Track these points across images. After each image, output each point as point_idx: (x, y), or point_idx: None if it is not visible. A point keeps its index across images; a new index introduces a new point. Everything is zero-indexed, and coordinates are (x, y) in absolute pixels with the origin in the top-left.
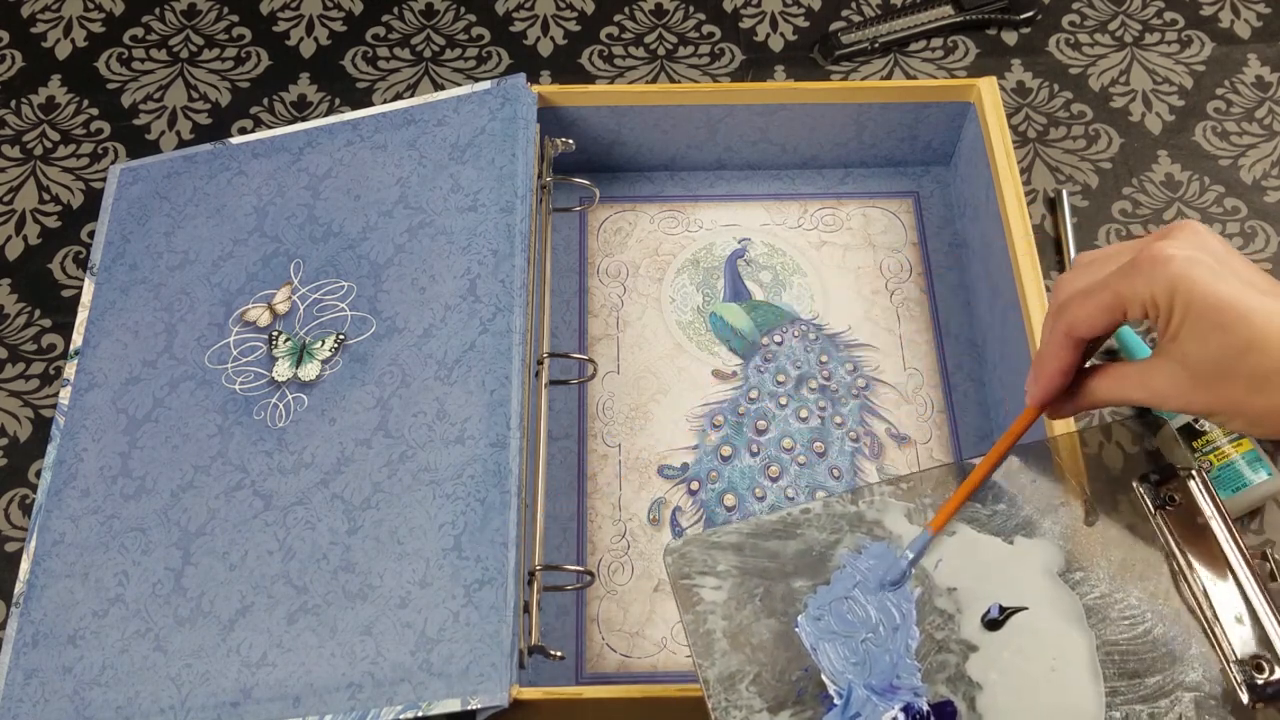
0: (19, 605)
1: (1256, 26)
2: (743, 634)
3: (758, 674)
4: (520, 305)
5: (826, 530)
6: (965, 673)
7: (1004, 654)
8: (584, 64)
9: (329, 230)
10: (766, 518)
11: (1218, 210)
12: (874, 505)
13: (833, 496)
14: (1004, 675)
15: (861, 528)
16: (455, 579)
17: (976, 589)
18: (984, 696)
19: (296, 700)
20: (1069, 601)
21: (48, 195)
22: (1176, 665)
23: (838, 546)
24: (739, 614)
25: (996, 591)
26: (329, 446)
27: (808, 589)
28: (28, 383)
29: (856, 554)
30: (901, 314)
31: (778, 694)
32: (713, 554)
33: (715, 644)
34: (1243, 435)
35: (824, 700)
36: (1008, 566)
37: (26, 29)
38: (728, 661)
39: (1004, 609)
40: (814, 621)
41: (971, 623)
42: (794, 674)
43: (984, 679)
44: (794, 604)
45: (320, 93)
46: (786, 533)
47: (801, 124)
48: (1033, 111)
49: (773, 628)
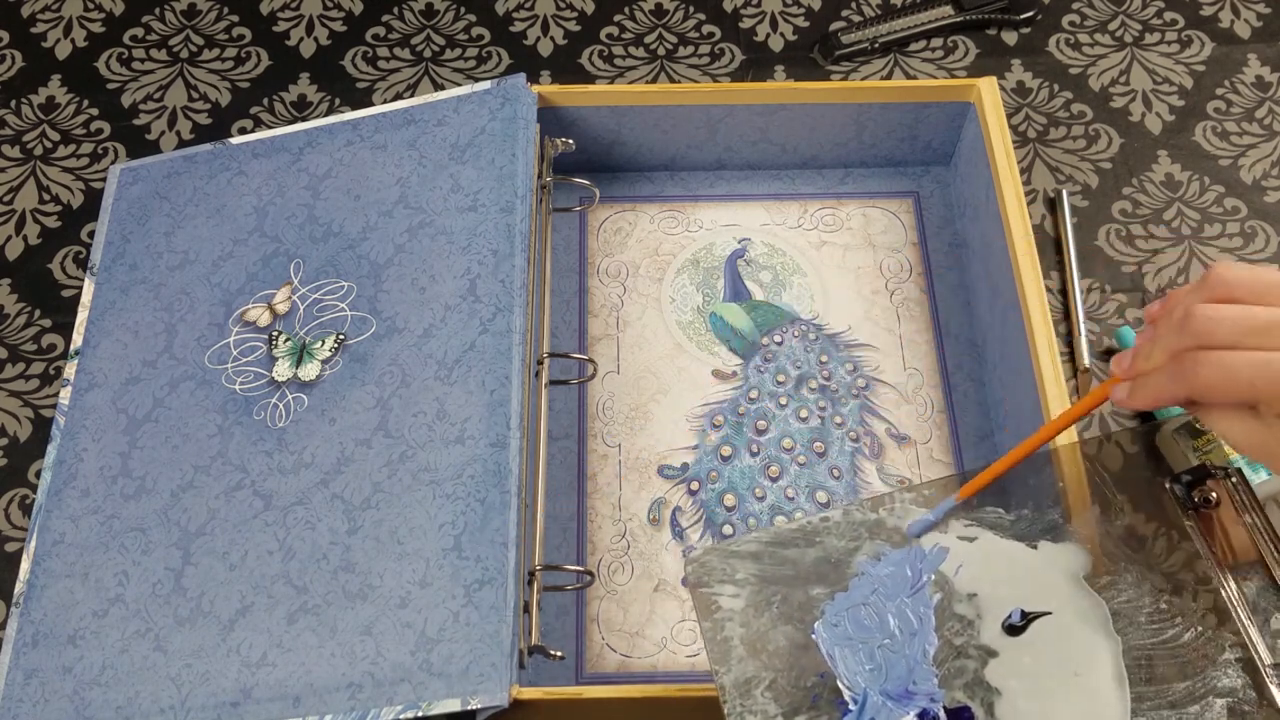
0: (19, 605)
1: (1256, 26)
2: (759, 640)
3: (773, 680)
4: (520, 305)
5: (846, 538)
6: (984, 678)
7: (1025, 660)
8: (584, 64)
9: (329, 230)
10: (786, 526)
11: (1218, 210)
12: (894, 512)
13: (853, 504)
14: (1024, 681)
15: (881, 534)
16: (455, 579)
17: (997, 594)
18: (1003, 703)
19: (296, 700)
20: (1094, 606)
21: (48, 195)
22: (1209, 670)
23: (857, 554)
24: (756, 621)
25: (1019, 597)
26: (329, 446)
27: (825, 596)
28: (28, 383)
29: (875, 560)
30: (901, 314)
31: (793, 700)
32: (732, 563)
33: (732, 650)
34: None
35: (839, 706)
36: (1031, 571)
37: (26, 29)
38: (744, 667)
39: (1026, 614)
40: (831, 628)
41: (992, 628)
42: (809, 680)
43: (1003, 685)
44: (811, 611)
45: (320, 93)
46: (806, 541)
47: (801, 124)
48: (1033, 111)
49: (789, 634)
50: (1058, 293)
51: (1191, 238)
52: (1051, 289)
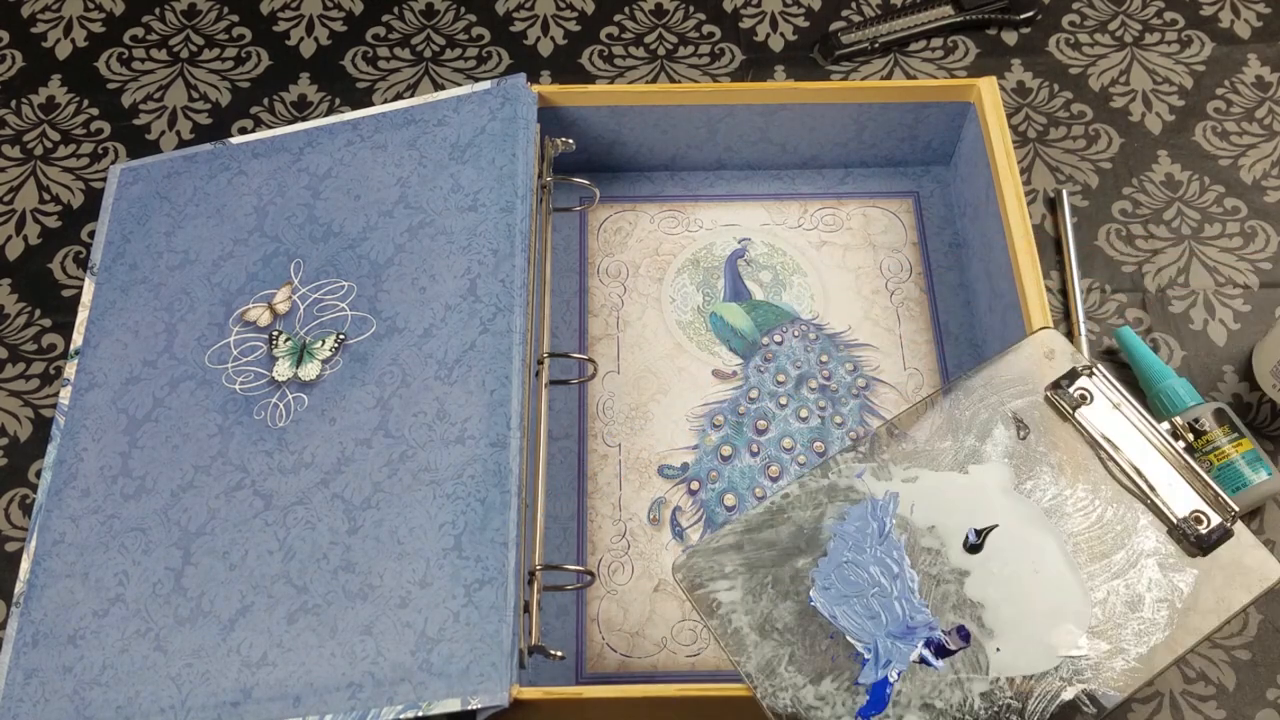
0: (19, 605)
1: (1256, 26)
2: (766, 623)
3: (791, 654)
4: (520, 305)
5: (810, 508)
6: (966, 597)
7: (991, 569)
8: (584, 64)
9: (329, 230)
10: (754, 511)
11: (1218, 210)
12: (842, 474)
13: (805, 475)
14: (999, 589)
15: (839, 496)
16: (455, 579)
17: (951, 521)
18: (989, 613)
19: (296, 700)
20: (1029, 509)
21: (48, 195)
22: (1133, 538)
23: (824, 519)
24: (757, 606)
25: (968, 518)
26: (329, 446)
27: (810, 565)
28: (28, 383)
29: (842, 520)
30: (901, 314)
31: (815, 666)
32: (717, 558)
33: (745, 638)
34: (1242, 435)
35: (855, 658)
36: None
37: (26, 29)
38: (761, 651)
39: (979, 531)
40: (825, 591)
41: (956, 551)
42: (823, 644)
43: (983, 597)
44: (803, 582)
45: (320, 93)
46: (775, 520)
47: (801, 124)
48: (1033, 111)
49: (791, 609)
50: (1058, 293)
51: (1191, 238)
52: (1051, 289)
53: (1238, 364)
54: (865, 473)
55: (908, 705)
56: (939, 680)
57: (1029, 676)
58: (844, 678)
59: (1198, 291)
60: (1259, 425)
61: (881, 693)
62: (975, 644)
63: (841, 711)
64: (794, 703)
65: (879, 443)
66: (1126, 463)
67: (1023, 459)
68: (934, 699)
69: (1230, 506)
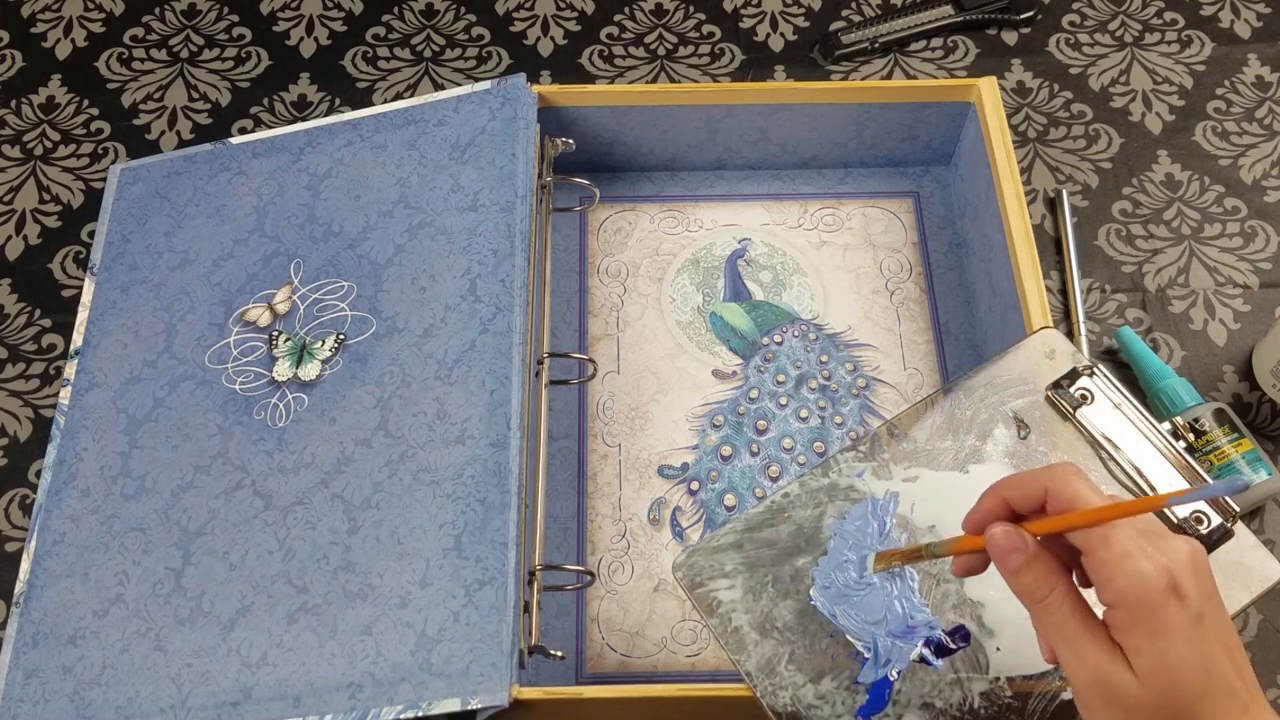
0: (19, 605)
1: (1256, 26)
2: (766, 621)
3: (791, 653)
4: (520, 305)
5: (810, 506)
6: (966, 596)
7: (992, 569)
8: (584, 64)
9: (329, 230)
10: (754, 510)
11: (1218, 210)
12: (842, 473)
13: (806, 474)
14: (999, 588)
15: (839, 496)
16: (455, 579)
17: (951, 520)
18: (989, 612)
19: (297, 700)
20: None
21: (48, 195)
22: None
23: (824, 518)
24: (757, 605)
25: None
26: (329, 446)
27: (810, 564)
28: (28, 383)
29: (842, 520)
30: (901, 314)
31: (814, 665)
32: (717, 557)
33: (745, 637)
34: (1242, 435)
35: (855, 657)
36: (970, 493)
37: (26, 29)
38: (761, 650)
39: None
40: (825, 590)
41: None
42: (822, 643)
43: (983, 597)
44: (802, 581)
45: (320, 93)
46: (776, 519)
47: (801, 124)
48: (1033, 111)
49: (791, 608)
50: (1058, 293)
51: (1191, 238)
52: (1051, 289)
53: (1238, 364)
54: (865, 472)
55: (907, 704)
56: (939, 679)
57: (1029, 676)
58: (844, 677)
59: (1198, 291)
60: (1259, 425)
61: (881, 692)
62: (975, 643)
63: (841, 710)
64: (794, 701)
65: (879, 442)
66: (1127, 462)
67: (1023, 459)
68: (934, 698)
69: (1230, 507)
